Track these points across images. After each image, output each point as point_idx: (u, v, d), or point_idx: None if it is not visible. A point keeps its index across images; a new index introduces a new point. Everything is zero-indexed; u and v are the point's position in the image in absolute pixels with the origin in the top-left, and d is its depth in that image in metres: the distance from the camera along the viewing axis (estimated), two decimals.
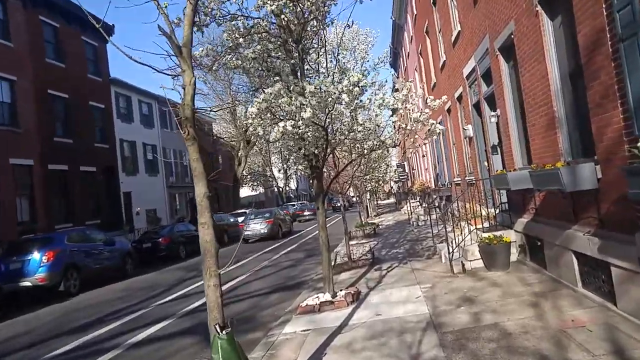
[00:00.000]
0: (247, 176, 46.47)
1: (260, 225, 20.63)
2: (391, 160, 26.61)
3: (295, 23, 5.77)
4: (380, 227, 17.59)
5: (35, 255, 11.24)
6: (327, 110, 5.27)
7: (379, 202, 40.74)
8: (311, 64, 6.66)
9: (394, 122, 6.28)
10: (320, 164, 6.38)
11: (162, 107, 29.56)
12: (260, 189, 52.70)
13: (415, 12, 17.64)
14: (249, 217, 21.64)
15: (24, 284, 11.01)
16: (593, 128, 4.26)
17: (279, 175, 50.38)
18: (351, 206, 35.25)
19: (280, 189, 51.66)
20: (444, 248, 8.09)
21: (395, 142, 6.64)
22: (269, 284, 9.52)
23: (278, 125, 4.85)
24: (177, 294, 9.66)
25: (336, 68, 6.44)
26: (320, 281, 7.52)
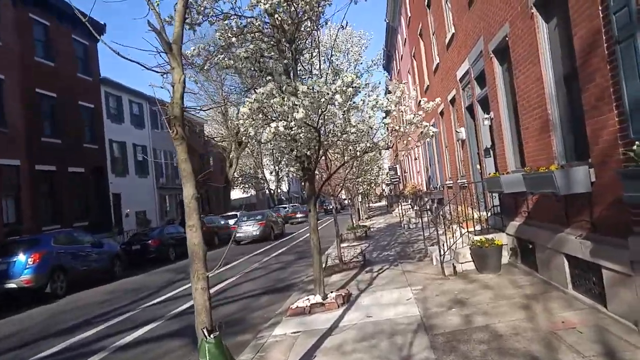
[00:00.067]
0: (238, 178, 46.23)
1: (252, 227, 20.65)
2: (383, 163, 26.66)
3: (289, 23, 5.73)
4: (372, 229, 17.58)
5: (21, 257, 11.05)
6: (320, 111, 5.22)
7: (370, 205, 40.80)
8: (304, 64, 6.62)
9: (387, 124, 6.26)
10: (313, 166, 6.34)
11: (153, 108, 29.33)
12: (252, 191, 52.46)
13: (409, 15, 17.69)
14: (241, 219, 21.66)
15: (9, 285, 10.81)
16: (588, 131, 4.26)
17: (270, 178, 50.20)
18: (343, 209, 35.24)
19: (272, 191, 51.48)
20: (435, 250, 8.08)
21: (388, 144, 6.62)
22: (259, 285, 9.44)
23: (270, 126, 4.79)
24: (165, 296, 9.54)
25: (329, 69, 6.41)
26: (310, 283, 7.47)
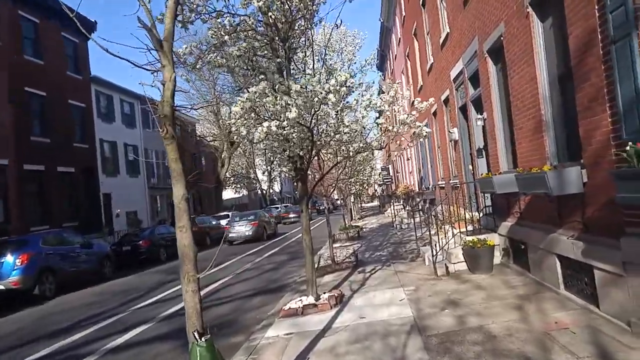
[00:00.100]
0: (230, 178, 46.02)
1: (245, 228, 20.65)
2: (376, 163, 26.71)
3: (283, 21, 5.67)
4: (364, 230, 17.57)
5: (9, 258, 10.87)
6: (313, 110, 5.18)
7: (363, 205, 40.83)
8: (298, 63, 6.57)
9: (380, 124, 6.23)
10: (305, 166, 6.29)
11: (144, 107, 29.09)
12: (244, 191, 52.26)
13: (403, 14, 17.69)
14: (234, 219, 21.64)
15: None
16: (581, 131, 4.26)
17: (262, 178, 50.04)
18: (335, 209, 35.22)
19: (264, 192, 51.32)
20: (427, 251, 8.08)
21: (381, 144, 6.60)
22: (251, 286, 9.37)
23: (262, 126, 4.73)
24: (156, 298, 9.43)
25: (323, 68, 6.36)
26: (303, 284, 7.42)
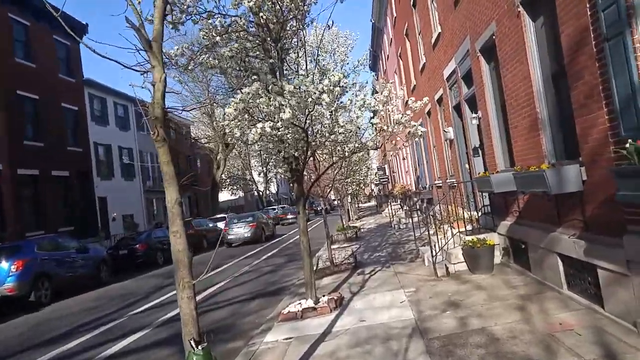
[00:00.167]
0: (226, 180, 45.89)
1: (243, 229, 20.65)
2: (372, 163, 26.66)
3: (274, 22, 5.60)
4: (362, 230, 17.51)
5: (4, 265, 10.74)
6: (307, 111, 5.10)
7: (360, 205, 40.81)
8: (291, 64, 6.49)
9: (375, 124, 6.17)
10: (301, 167, 6.22)
11: (138, 110, 28.92)
12: (240, 192, 52.13)
13: (395, 15, 17.66)
14: (232, 221, 21.67)
15: None
16: (577, 129, 4.21)
17: (258, 179, 49.94)
18: (332, 209, 35.19)
19: (261, 193, 51.21)
20: (427, 251, 8.02)
21: (377, 144, 6.53)
22: (250, 290, 9.28)
23: (256, 127, 4.65)
24: (153, 303, 9.33)
25: (316, 69, 6.29)
26: (302, 286, 7.35)
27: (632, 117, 3.25)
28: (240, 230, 20.63)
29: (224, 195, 47.59)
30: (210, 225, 23.78)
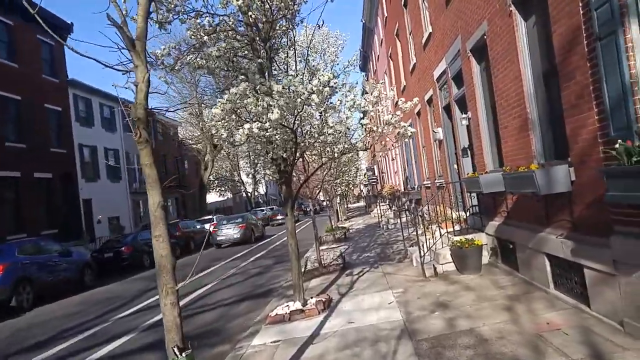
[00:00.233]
0: (214, 181, 45.53)
1: (233, 230, 20.63)
2: (361, 164, 26.66)
3: (263, 21, 5.54)
4: (351, 231, 17.49)
5: None
6: (295, 111, 5.05)
7: (349, 206, 40.84)
8: (280, 64, 6.43)
9: (365, 125, 6.14)
10: (289, 168, 6.16)
11: (124, 110, 28.53)
12: (228, 194, 51.78)
13: (385, 15, 17.67)
14: (222, 222, 21.64)
15: None
16: (567, 129, 4.22)
17: (247, 180, 49.66)
18: (322, 210, 35.15)
19: (249, 194, 50.94)
20: (415, 251, 8.01)
21: (366, 145, 6.50)
22: (237, 292, 9.18)
23: (243, 128, 4.58)
24: (139, 306, 9.17)
25: (305, 69, 6.24)
26: (290, 288, 7.28)
27: (622, 118, 3.26)
28: (230, 232, 20.62)
29: (212, 197, 47.24)
30: (198, 227, 23.57)
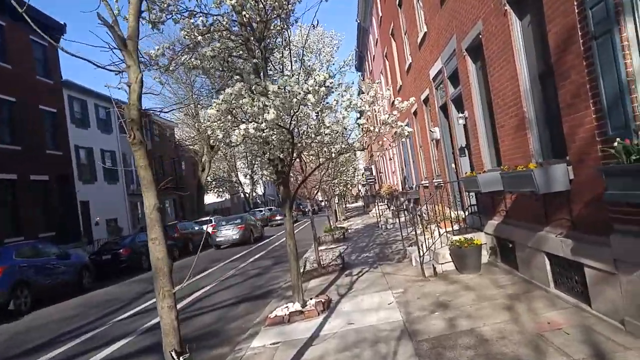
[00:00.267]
0: (212, 182, 45.43)
1: (232, 231, 20.69)
2: (358, 164, 26.66)
3: (258, 21, 5.50)
4: (350, 231, 17.46)
5: None
6: (292, 112, 5.01)
7: (347, 206, 40.82)
8: (275, 64, 6.39)
9: (362, 124, 6.11)
10: (287, 168, 6.12)
11: (118, 111, 28.40)
12: (226, 195, 51.69)
13: (380, 15, 17.65)
14: (221, 223, 21.69)
15: None
16: (565, 128, 4.20)
17: (245, 181, 49.61)
18: (320, 210, 35.12)
19: (247, 195, 50.87)
20: (414, 251, 7.99)
21: (364, 145, 6.47)
22: (236, 294, 9.14)
23: (239, 128, 4.54)
24: (137, 309, 9.12)
25: (301, 69, 6.20)
26: (289, 289, 7.25)
27: (620, 116, 3.23)
28: (229, 232, 20.69)
29: (210, 198, 47.13)
30: (196, 228, 23.50)
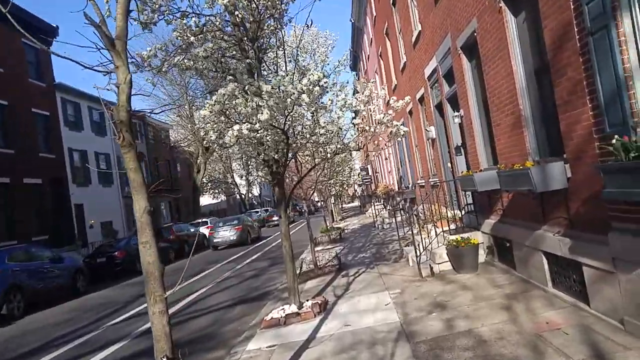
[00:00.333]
0: (207, 184, 45.28)
1: (229, 232, 20.76)
2: (354, 164, 26.62)
3: (251, 21, 5.44)
4: (346, 231, 17.42)
5: None
6: (286, 112, 4.95)
7: (343, 206, 40.78)
8: (269, 64, 6.33)
9: (357, 124, 6.06)
10: (282, 169, 6.06)
11: (108, 113, 28.21)
12: (222, 196, 51.52)
13: (374, 14, 17.63)
14: (218, 225, 21.72)
15: None
16: (561, 126, 4.16)
17: (241, 182, 49.46)
18: (316, 210, 35.07)
19: (243, 196, 50.74)
20: (411, 251, 7.95)
21: (359, 144, 6.42)
22: (232, 296, 9.07)
23: (232, 129, 4.47)
24: (131, 312, 9.02)
25: (295, 69, 6.15)
26: (285, 291, 7.19)
27: (618, 113, 3.19)
28: (226, 234, 20.74)
29: (205, 199, 46.97)
30: (192, 230, 23.39)
